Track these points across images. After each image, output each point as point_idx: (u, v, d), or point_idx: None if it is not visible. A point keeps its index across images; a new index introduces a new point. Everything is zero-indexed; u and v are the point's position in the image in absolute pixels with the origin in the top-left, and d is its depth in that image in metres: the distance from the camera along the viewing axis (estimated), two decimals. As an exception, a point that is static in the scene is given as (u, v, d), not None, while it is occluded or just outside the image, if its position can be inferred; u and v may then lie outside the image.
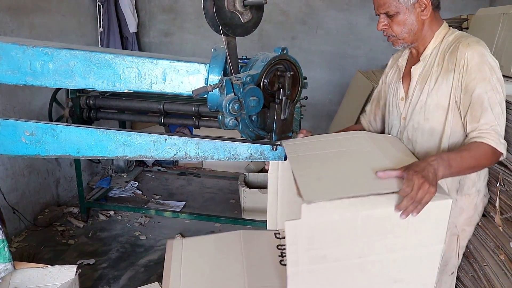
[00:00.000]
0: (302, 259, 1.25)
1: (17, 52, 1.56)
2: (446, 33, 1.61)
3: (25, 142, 1.65)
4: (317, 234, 1.22)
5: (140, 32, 4.96)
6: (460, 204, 1.64)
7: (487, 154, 1.44)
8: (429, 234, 1.27)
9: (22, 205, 3.44)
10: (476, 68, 1.47)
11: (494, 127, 1.45)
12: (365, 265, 1.29)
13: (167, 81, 1.54)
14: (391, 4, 1.56)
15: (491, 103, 1.46)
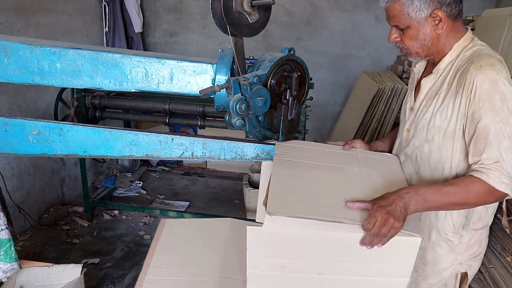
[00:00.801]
0: (261, 264, 1.26)
1: (25, 52, 1.57)
2: (466, 45, 1.45)
3: (32, 141, 1.66)
4: (277, 244, 1.23)
5: (145, 32, 4.97)
6: (466, 240, 1.53)
7: (480, 192, 1.31)
8: (395, 266, 1.26)
9: (28, 204, 3.45)
10: (485, 96, 1.32)
11: (498, 164, 1.30)
12: (325, 283, 1.28)
13: (174, 81, 1.54)
14: (401, 17, 1.42)
15: (498, 136, 1.30)
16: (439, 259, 1.55)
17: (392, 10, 1.43)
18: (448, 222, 1.51)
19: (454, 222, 1.51)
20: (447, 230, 1.52)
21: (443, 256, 1.55)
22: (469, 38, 1.47)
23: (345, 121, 4.30)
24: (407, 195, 1.25)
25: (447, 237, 1.53)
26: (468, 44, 1.45)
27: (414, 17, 1.40)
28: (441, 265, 1.56)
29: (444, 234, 1.53)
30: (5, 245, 1.81)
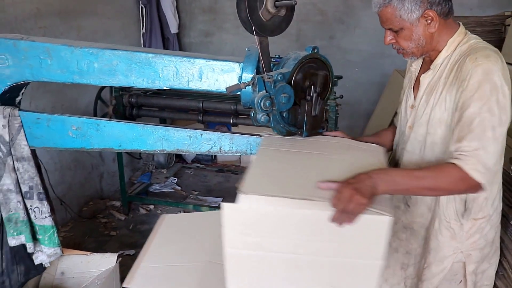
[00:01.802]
0: (237, 243, 1.29)
1: (66, 53, 1.69)
2: (461, 40, 1.49)
3: (72, 136, 1.78)
4: (251, 222, 1.27)
5: (181, 32, 5.10)
6: (466, 229, 1.56)
7: (452, 177, 1.32)
8: (367, 247, 1.26)
9: (69, 197, 3.63)
10: (476, 86, 1.34)
11: (477, 152, 1.31)
12: (300, 263, 1.30)
13: (203, 79, 1.62)
14: (394, 20, 1.46)
15: (482, 125, 1.32)
16: (441, 246, 1.59)
17: (384, 14, 1.48)
18: (449, 209, 1.55)
19: (456, 209, 1.54)
20: (449, 218, 1.56)
21: (445, 244, 1.58)
22: (463, 32, 1.51)
23: (377, 120, 4.29)
24: (377, 175, 1.27)
25: (449, 225, 1.56)
26: (462, 39, 1.49)
27: (406, 19, 1.45)
28: (443, 253, 1.59)
29: (446, 222, 1.57)
30: (49, 231, 1.93)
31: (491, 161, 1.32)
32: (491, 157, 1.33)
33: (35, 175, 1.88)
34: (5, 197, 1.85)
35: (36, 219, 1.92)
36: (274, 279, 1.35)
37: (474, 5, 4.32)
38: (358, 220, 1.20)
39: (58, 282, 2.31)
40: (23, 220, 1.88)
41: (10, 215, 1.87)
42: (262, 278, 1.35)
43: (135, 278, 1.66)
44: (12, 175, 1.83)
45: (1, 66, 1.74)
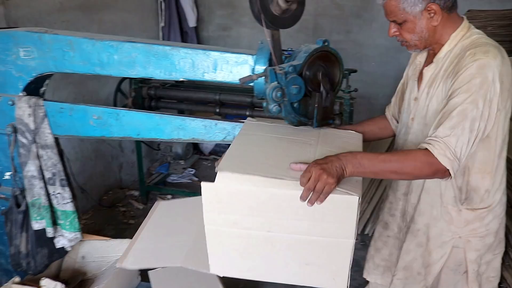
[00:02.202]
0: (217, 220, 1.36)
1: (88, 45, 1.77)
2: (464, 34, 1.52)
3: (93, 125, 1.87)
4: (228, 200, 1.34)
5: (199, 26, 5.16)
6: (465, 216, 1.60)
7: (418, 161, 1.37)
8: (337, 226, 1.32)
9: (89, 186, 3.74)
10: (467, 78, 1.39)
11: (448, 138, 1.36)
12: (275, 241, 1.37)
13: (218, 70, 1.68)
14: (397, 13, 1.50)
15: (462, 115, 1.37)
16: (440, 232, 1.64)
17: (389, 6, 1.52)
18: (448, 194, 1.60)
19: (455, 195, 1.58)
20: (446, 203, 1.60)
21: (443, 229, 1.63)
22: (466, 27, 1.53)
23: (392, 114, 4.30)
24: (345, 158, 1.33)
25: (447, 210, 1.61)
26: (465, 33, 1.52)
27: (409, 11, 1.48)
28: (442, 238, 1.64)
29: (444, 207, 1.61)
30: (70, 216, 2.03)
31: (462, 150, 1.36)
32: (463, 147, 1.36)
33: (57, 162, 1.97)
34: (29, 183, 1.95)
35: (58, 204, 2.01)
36: (252, 256, 1.42)
37: (493, -2, 4.28)
38: (327, 199, 1.27)
39: (79, 265, 2.42)
40: (45, 206, 1.98)
41: (34, 200, 1.97)
42: (240, 254, 1.42)
43: (127, 258, 1.73)
44: (36, 162, 1.92)
45: (27, 58, 1.83)
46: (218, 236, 1.40)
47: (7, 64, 1.87)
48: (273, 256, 1.41)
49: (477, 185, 1.56)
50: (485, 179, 1.55)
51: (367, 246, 3.29)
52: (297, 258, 1.41)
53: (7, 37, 1.84)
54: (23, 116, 1.88)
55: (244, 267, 1.45)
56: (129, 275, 2.34)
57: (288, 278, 1.46)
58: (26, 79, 1.88)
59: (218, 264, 1.45)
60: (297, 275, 1.44)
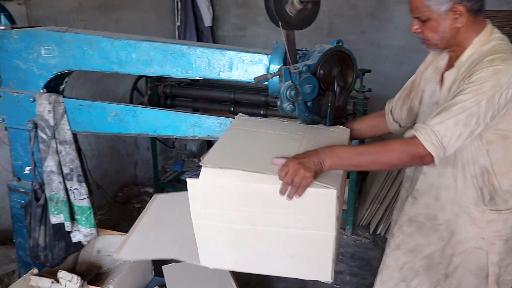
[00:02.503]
0: (203, 214, 1.42)
1: (106, 44, 1.82)
2: (485, 40, 1.48)
3: (110, 122, 1.91)
4: (212, 195, 1.39)
5: (214, 26, 5.20)
6: (489, 217, 1.58)
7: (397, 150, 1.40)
8: (317, 219, 1.36)
9: (105, 182, 3.79)
10: (479, 80, 1.38)
11: (437, 126, 1.36)
12: (259, 234, 1.42)
13: (233, 69, 1.72)
14: (422, 10, 1.47)
15: (461, 109, 1.37)
16: (461, 229, 1.62)
17: (414, 2, 1.49)
18: (467, 195, 1.58)
19: (477, 195, 1.56)
20: (467, 203, 1.59)
21: (465, 227, 1.61)
22: (488, 31, 1.50)
23: (406, 114, 4.29)
24: (323, 152, 1.37)
25: (468, 210, 1.59)
26: (487, 38, 1.49)
27: (435, 10, 1.45)
28: (463, 235, 1.62)
29: (464, 207, 1.60)
30: (86, 211, 2.08)
31: (450, 141, 1.37)
32: (452, 137, 1.37)
33: (75, 158, 2.02)
34: (48, 177, 2.00)
35: (75, 199, 2.07)
36: (238, 248, 1.48)
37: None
38: (306, 193, 1.31)
39: (94, 259, 2.47)
40: (63, 200, 2.03)
41: (52, 195, 2.02)
42: (227, 247, 1.48)
43: (123, 249, 1.78)
44: (55, 157, 1.98)
45: (48, 56, 1.89)
46: (205, 230, 1.46)
47: (29, 62, 1.93)
48: (258, 248, 1.46)
49: (499, 187, 1.55)
50: (505, 180, 1.55)
51: (379, 247, 3.31)
52: (281, 251, 1.45)
53: (30, 36, 1.90)
54: (44, 113, 1.93)
55: (232, 260, 1.51)
56: (143, 270, 2.39)
57: (275, 270, 1.52)
58: (47, 76, 1.93)
59: (208, 257, 1.51)
60: (283, 267, 1.49)
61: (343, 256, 3.26)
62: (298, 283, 2.95)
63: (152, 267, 2.47)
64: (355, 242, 3.43)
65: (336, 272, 3.05)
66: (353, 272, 3.08)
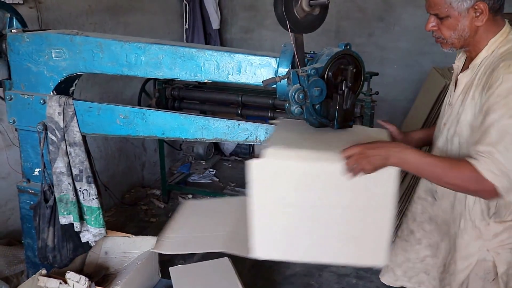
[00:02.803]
0: (263, 198, 1.44)
1: (116, 47, 1.83)
2: (501, 41, 1.44)
3: (119, 124, 1.93)
4: (276, 176, 1.42)
5: (222, 28, 5.23)
6: (494, 229, 1.55)
7: (464, 175, 1.32)
8: (377, 198, 1.41)
9: (112, 184, 3.82)
10: (503, 93, 1.32)
11: (492, 154, 1.29)
12: (320, 215, 1.45)
13: (242, 72, 1.72)
14: (442, 6, 1.42)
15: (503, 131, 1.30)
16: (466, 245, 1.60)
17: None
18: (476, 209, 1.56)
19: (482, 209, 1.55)
20: (474, 217, 1.56)
21: (470, 243, 1.59)
22: (506, 32, 1.45)
23: (413, 117, 4.28)
24: (393, 149, 1.37)
25: (474, 224, 1.57)
26: (503, 40, 1.44)
27: (455, 7, 1.41)
28: (469, 250, 1.60)
29: (471, 222, 1.57)
30: (95, 212, 2.09)
31: (508, 165, 1.29)
32: (509, 161, 1.29)
33: (85, 159, 2.03)
34: (57, 179, 2.02)
35: (84, 200, 2.08)
36: (296, 234, 1.48)
37: None
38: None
39: (102, 260, 2.48)
40: (72, 201, 2.05)
41: (62, 195, 2.04)
42: (284, 233, 1.49)
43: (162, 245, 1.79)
44: (65, 159, 1.99)
45: (59, 59, 1.91)
46: (264, 214, 1.47)
47: (39, 65, 1.95)
48: (317, 233, 1.47)
49: (509, 200, 1.50)
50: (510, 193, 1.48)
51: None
52: (339, 233, 1.47)
53: (41, 39, 1.92)
54: (54, 115, 1.95)
55: (287, 248, 1.51)
56: (150, 271, 2.40)
57: (330, 257, 1.53)
58: (57, 79, 1.95)
59: (261, 247, 1.50)
60: (338, 253, 1.50)
61: (349, 259, 3.25)
62: (303, 286, 2.95)
63: (159, 268, 2.48)
64: (362, 245, 3.43)
65: (342, 275, 3.06)
66: (359, 275, 3.07)
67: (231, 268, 2.35)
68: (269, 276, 3.04)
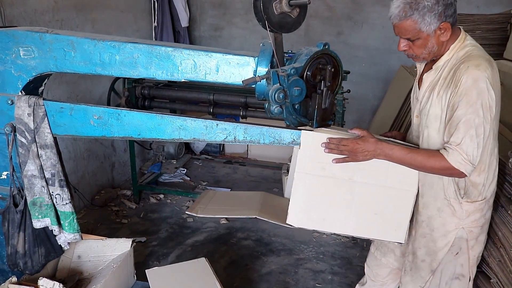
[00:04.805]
0: (307, 166, 1.69)
1: (89, 46, 1.78)
2: (459, 45, 1.66)
3: (93, 125, 1.87)
4: (321, 148, 1.67)
5: (191, 26, 5.18)
6: (466, 208, 1.74)
7: (440, 166, 1.60)
8: (404, 176, 1.70)
9: (82, 185, 3.74)
10: (465, 91, 1.55)
11: (460, 146, 1.56)
12: (354, 188, 1.71)
13: (220, 72, 1.71)
14: (412, 31, 1.61)
15: (467, 124, 1.55)
16: (443, 222, 1.78)
17: (403, 26, 1.61)
18: (450, 189, 1.75)
19: (455, 190, 1.74)
20: (449, 197, 1.75)
21: (447, 220, 1.77)
22: (462, 38, 1.68)
23: (382, 114, 4.36)
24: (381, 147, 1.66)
25: (450, 203, 1.76)
26: (461, 44, 1.67)
27: (424, 30, 1.60)
28: (446, 228, 1.78)
29: (446, 201, 1.76)
30: (69, 217, 2.02)
31: (474, 153, 1.56)
32: (473, 151, 1.56)
33: (56, 162, 1.97)
34: (29, 182, 1.95)
35: (58, 205, 2.01)
36: (330, 204, 1.73)
37: (481, 3, 4.37)
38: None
39: (75, 265, 2.41)
40: (48, 204, 1.98)
41: (35, 199, 1.96)
42: (320, 202, 1.73)
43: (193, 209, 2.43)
44: (36, 161, 1.92)
45: (27, 58, 1.83)
46: (304, 182, 1.70)
47: (6, 64, 1.86)
48: (348, 205, 1.72)
49: (474, 181, 1.71)
50: (481, 176, 1.70)
51: (358, 245, 3.36)
52: (368, 207, 1.73)
53: (7, 37, 1.84)
54: (23, 116, 1.88)
55: (320, 218, 1.74)
56: (126, 274, 2.35)
57: (357, 230, 1.77)
58: (26, 78, 1.88)
59: (296, 214, 1.73)
60: (365, 226, 1.75)
61: (323, 255, 3.29)
62: (279, 283, 2.96)
63: (134, 271, 2.44)
64: (335, 241, 3.47)
65: (317, 271, 3.09)
66: (334, 271, 3.11)
67: (208, 268, 2.33)
68: (245, 274, 3.04)
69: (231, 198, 2.43)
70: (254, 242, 3.43)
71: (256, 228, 3.58)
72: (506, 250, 1.76)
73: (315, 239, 3.49)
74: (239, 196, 2.71)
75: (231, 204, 2.37)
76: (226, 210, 2.36)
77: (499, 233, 1.83)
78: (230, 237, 3.48)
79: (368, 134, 1.69)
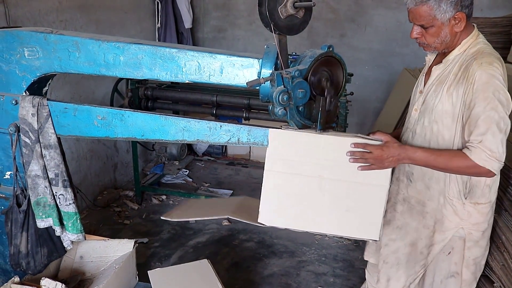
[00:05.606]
0: (276, 164, 1.66)
1: (94, 46, 1.78)
2: (472, 42, 1.66)
3: (97, 125, 1.87)
4: (290, 145, 1.64)
5: (194, 27, 5.18)
6: (468, 209, 1.74)
7: (465, 165, 1.56)
8: (376, 172, 1.62)
9: (84, 186, 3.74)
10: (481, 88, 1.55)
11: (482, 143, 1.53)
12: (324, 185, 1.65)
13: (224, 73, 1.70)
14: (427, 18, 1.61)
15: (487, 121, 1.54)
16: (444, 219, 1.78)
17: (419, 12, 1.62)
18: (452, 189, 1.74)
19: (459, 189, 1.73)
20: (452, 196, 1.75)
21: (448, 217, 1.77)
22: (475, 35, 1.68)
23: (385, 117, 4.36)
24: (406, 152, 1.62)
25: (452, 202, 1.75)
26: (474, 41, 1.67)
27: (439, 18, 1.60)
28: (446, 225, 1.78)
29: (449, 199, 1.76)
30: (72, 217, 2.02)
31: (498, 148, 1.53)
32: (498, 147, 1.53)
33: (60, 162, 1.97)
34: (33, 182, 1.95)
35: (61, 205, 2.01)
36: (300, 202, 1.69)
37: (484, 6, 4.37)
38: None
39: (77, 265, 2.42)
40: (51, 204, 1.98)
41: (39, 199, 1.96)
42: (290, 201, 1.69)
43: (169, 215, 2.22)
44: (40, 162, 1.93)
45: (32, 58, 1.84)
46: (274, 180, 1.68)
47: (11, 64, 1.87)
48: (319, 202, 1.67)
49: (478, 180, 1.70)
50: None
51: (360, 248, 3.35)
52: (340, 204, 1.67)
53: (12, 37, 1.85)
54: (27, 116, 1.88)
55: (291, 216, 1.71)
56: (128, 275, 2.35)
57: (329, 228, 1.73)
58: (30, 78, 1.88)
59: (267, 213, 1.71)
60: (337, 224, 1.69)
61: (325, 257, 3.28)
62: (281, 285, 2.96)
63: (136, 272, 2.44)
64: (337, 244, 3.46)
65: (319, 273, 3.08)
66: (336, 273, 3.10)
67: (210, 269, 2.33)
68: (247, 276, 3.04)
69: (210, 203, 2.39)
70: (256, 244, 3.43)
71: (258, 230, 3.58)
72: (509, 254, 1.75)
73: (317, 241, 3.49)
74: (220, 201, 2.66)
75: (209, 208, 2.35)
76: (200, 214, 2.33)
77: (502, 237, 1.82)
78: (232, 239, 3.48)
79: (392, 139, 1.65)
